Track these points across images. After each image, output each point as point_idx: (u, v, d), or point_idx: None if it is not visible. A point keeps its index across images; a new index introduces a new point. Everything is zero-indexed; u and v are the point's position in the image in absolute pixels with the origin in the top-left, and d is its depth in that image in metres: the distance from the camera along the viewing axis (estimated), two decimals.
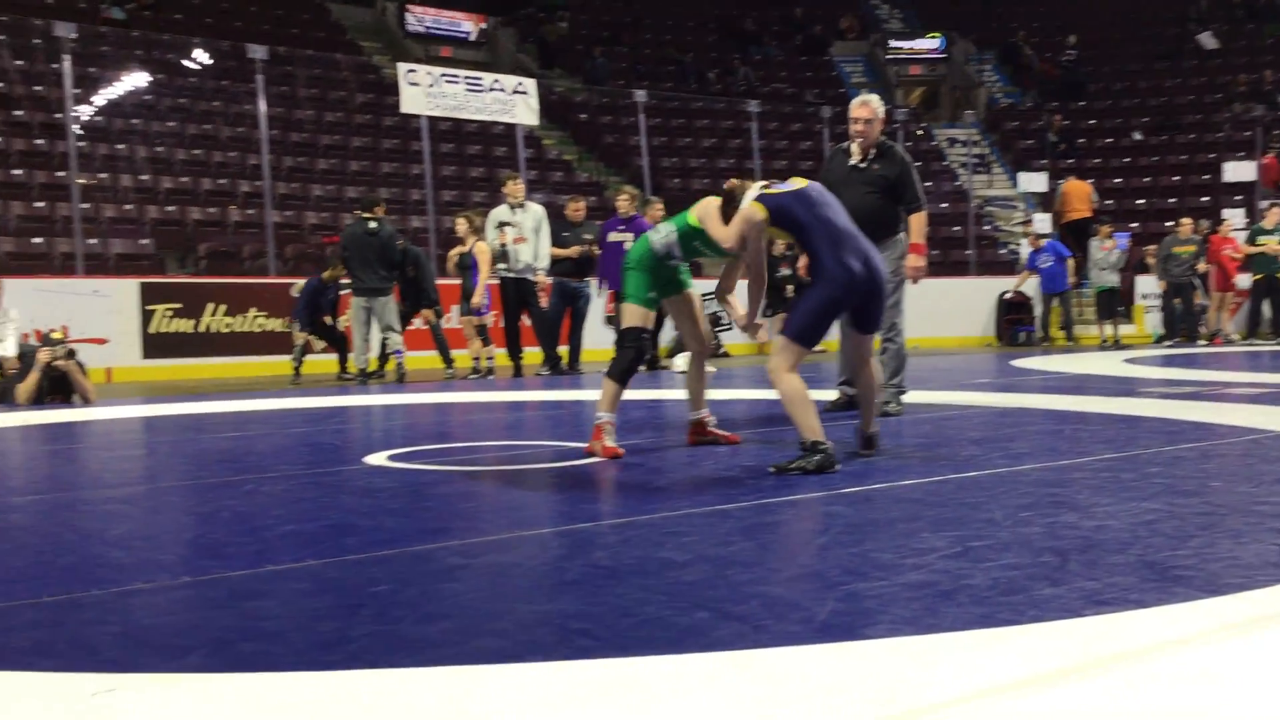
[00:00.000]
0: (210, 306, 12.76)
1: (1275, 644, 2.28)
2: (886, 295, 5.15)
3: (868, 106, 6.82)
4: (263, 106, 14.46)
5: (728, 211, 5.05)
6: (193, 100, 18.97)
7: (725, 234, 5.04)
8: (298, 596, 2.80)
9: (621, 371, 5.29)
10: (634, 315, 5.33)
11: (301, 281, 12.16)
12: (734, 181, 5.12)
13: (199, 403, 9.01)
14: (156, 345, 12.44)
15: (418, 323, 12.49)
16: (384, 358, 11.92)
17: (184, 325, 12.61)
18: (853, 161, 6.87)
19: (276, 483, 4.68)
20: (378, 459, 5.31)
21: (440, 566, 3.08)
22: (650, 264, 5.31)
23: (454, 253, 11.89)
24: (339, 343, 11.91)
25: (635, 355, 5.32)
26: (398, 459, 5.30)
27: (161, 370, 12.40)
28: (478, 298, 11.53)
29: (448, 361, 11.79)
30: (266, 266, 14.22)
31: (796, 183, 4.96)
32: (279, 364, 12.51)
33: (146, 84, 18.60)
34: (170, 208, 16.03)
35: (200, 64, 19.93)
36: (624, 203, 12.01)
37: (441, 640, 2.39)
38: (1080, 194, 19.92)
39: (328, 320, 11.87)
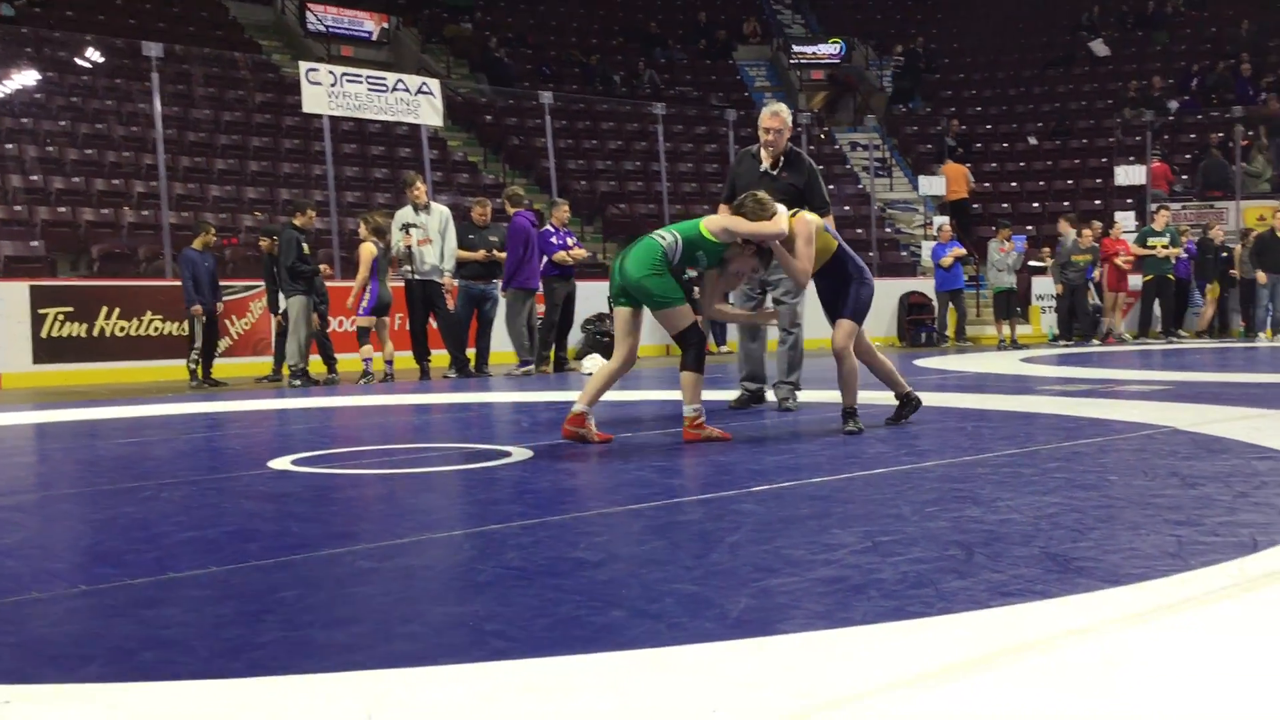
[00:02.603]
0: (104, 310, 12.42)
1: (1174, 632, 2.34)
2: None
3: (778, 117, 7.10)
4: (158, 105, 14.12)
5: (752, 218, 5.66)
6: (85, 99, 18.47)
7: (761, 229, 5.66)
8: (200, 604, 2.73)
9: (696, 362, 5.61)
10: (685, 315, 5.62)
11: None
12: (753, 198, 5.72)
13: (93, 408, 8.77)
14: (48, 350, 12.07)
15: None
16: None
17: (77, 329, 12.26)
18: (763, 168, 7.13)
19: (176, 489, 4.57)
20: (281, 463, 5.21)
21: (349, 570, 3.03)
22: (667, 265, 5.55)
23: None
24: (208, 338, 11.64)
25: (703, 343, 5.68)
26: (302, 463, 5.21)
27: (53, 376, 12.04)
28: (352, 300, 11.36)
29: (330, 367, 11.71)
30: (162, 269, 13.87)
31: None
32: (176, 369, 12.23)
33: (36, 82, 18.07)
34: (62, 209, 15.57)
35: (93, 62, 19.41)
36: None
37: (352, 645, 2.35)
38: (958, 176, 21.10)
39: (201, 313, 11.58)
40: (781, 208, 5.77)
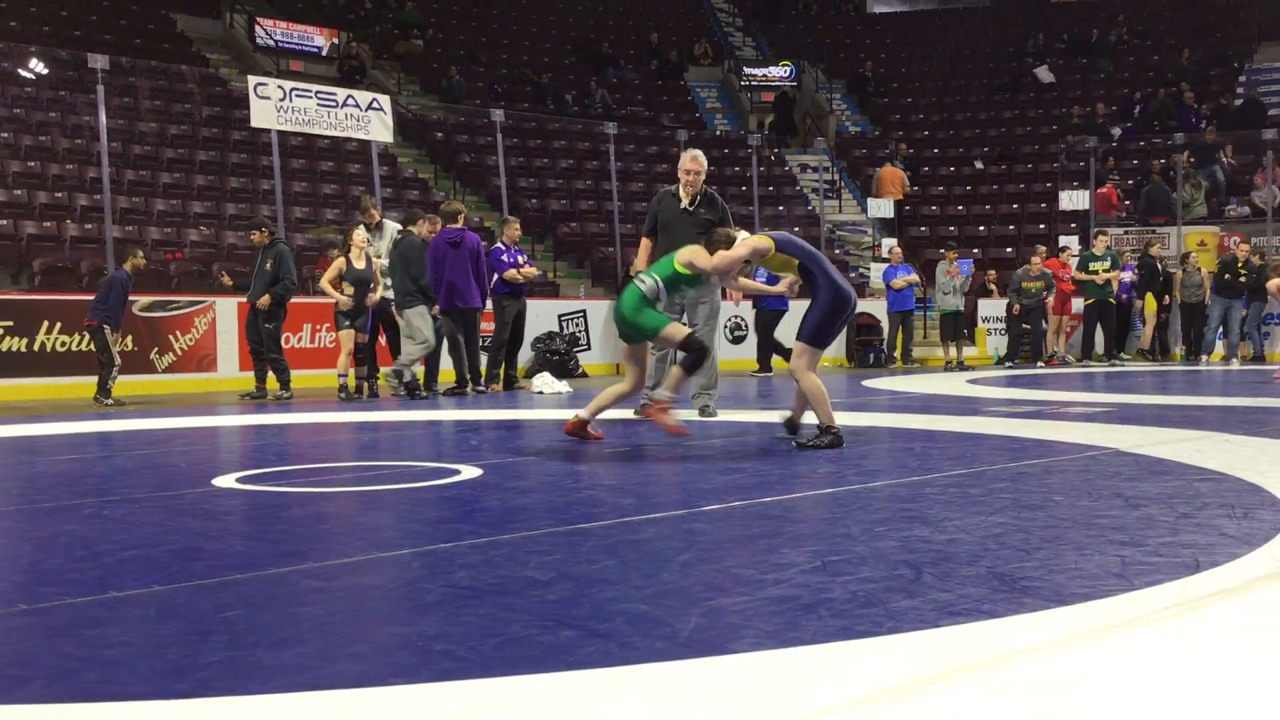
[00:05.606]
0: (45, 324, 12.21)
1: (1120, 651, 2.37)
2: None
3: (697, 161, 8.00)
4: (103, 118, 13.93)
5: (713, 248, 6.19)
6: (28, 110, 18.20)
7: (711, 262, 6.15)
8: (143, 623, 2.68)
9: (692, 365, 6.19)
10: (677, 331, 6.29)
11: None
12: (722, 231, 6.40)
13: (33, 424, 8.62)
14: None
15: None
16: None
17: (17, 344, 12.04)
18: (683, 206, 7.97)
19: (118, 506, 4.50)
20: (226, 481, 5.14)
21: (295, 590, 3.00)
22: (647, 304, 6.22)
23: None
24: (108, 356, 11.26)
25: (704, 352, 6.24)
26: (247, 481, 5.15)
27: None
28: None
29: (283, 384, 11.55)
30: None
31: (773, 233, 6.42)
32: (118, 385, 12.02)
33: None
34: (3, 221, 15.32)
35: (37, 73, 19.14)
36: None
37: (298, 665, 2.32)
38: (894, 179, 22.12)
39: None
40: (743, 233, 6.41)
